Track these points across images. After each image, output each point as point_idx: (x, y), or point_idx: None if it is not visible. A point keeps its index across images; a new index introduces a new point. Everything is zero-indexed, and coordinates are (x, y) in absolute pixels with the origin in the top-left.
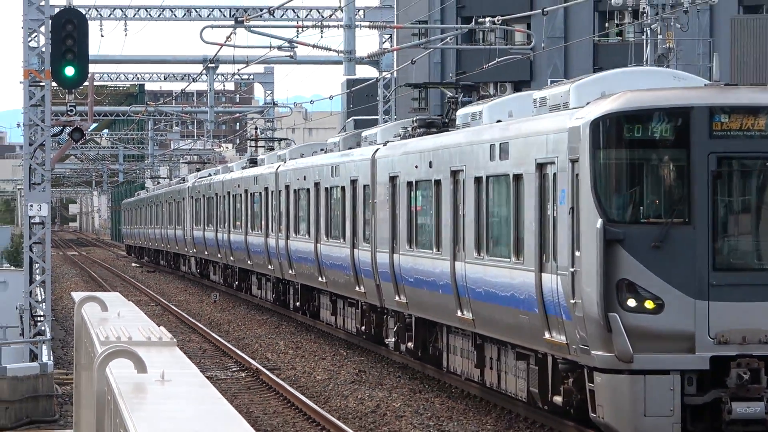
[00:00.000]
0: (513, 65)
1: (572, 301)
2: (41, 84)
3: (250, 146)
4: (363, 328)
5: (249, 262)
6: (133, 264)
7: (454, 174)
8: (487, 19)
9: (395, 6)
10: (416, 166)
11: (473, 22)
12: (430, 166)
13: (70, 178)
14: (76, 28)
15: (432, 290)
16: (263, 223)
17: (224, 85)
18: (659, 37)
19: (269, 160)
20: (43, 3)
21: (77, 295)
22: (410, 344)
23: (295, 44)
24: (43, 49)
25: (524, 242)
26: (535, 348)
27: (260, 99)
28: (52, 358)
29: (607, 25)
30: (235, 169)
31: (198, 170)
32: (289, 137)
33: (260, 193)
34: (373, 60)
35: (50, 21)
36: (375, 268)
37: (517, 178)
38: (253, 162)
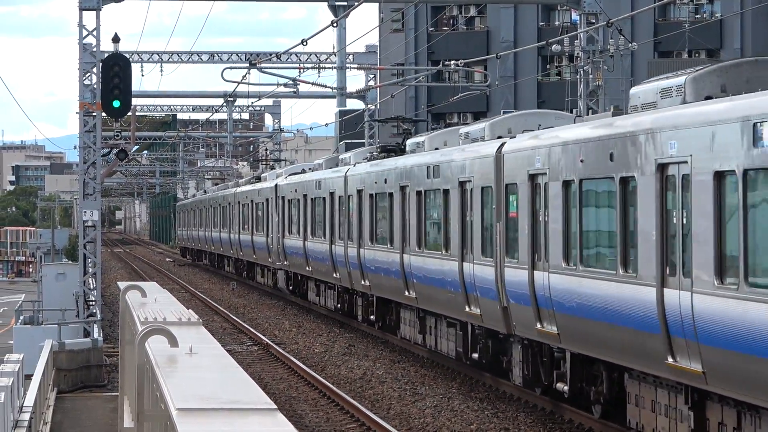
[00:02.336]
0: (473, 99)
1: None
2: (93, 114)
3: (261, 164)
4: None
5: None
6: (167, 259)
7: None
8: (452, 62)
9: (378, 51)
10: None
11: (441, 65)
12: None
13: (117, 190)
14: (122, 70)
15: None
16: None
17: (241, 115)
18: (590, 76)
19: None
20: (95, 49)
21: (122, 284)
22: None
23: (298, 82)
24: (95, 86)
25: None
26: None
27: (270, 126)
28: (101, 335)
29: (548, 66)
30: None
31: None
32: (293, 157)
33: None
34: (361, 95)
35: (101, 64)
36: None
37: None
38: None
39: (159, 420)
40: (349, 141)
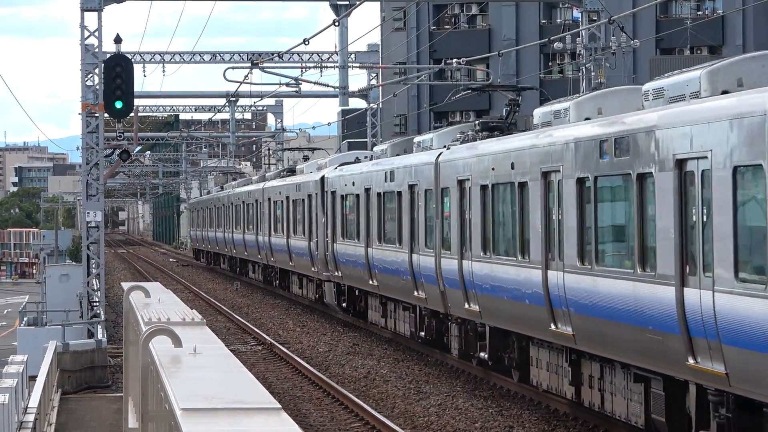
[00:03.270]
0: (475, 97)
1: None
2: (96, 115)
3: (265, 163)
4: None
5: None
6: (171, 259)
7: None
8: (454, 60)
9: (380, 50)
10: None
11: (443, 63)
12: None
13: (120, 191)
14: (124, 70)
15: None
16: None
17: (243, 115)
18: (593, 73)
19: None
20: (97, 50)
21: (125, 285)
22: (344, 304)
23: (300, 81)
24: (97, 87)
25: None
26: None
27: (272, 125)
28: (105, 335)
29: (550, 64)
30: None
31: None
32: (296, 157)
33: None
34: (363, 94)
35: (103, 64)
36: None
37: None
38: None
39: (163, 420)
40: (352, 140)
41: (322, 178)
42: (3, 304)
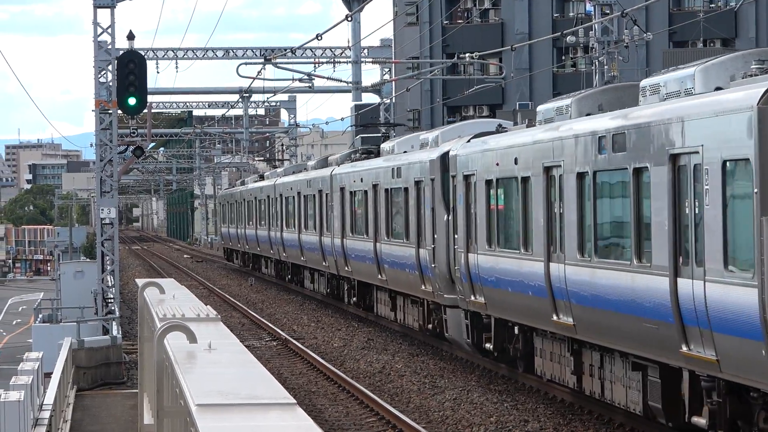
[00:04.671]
0: (488, 92)
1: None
2: (109, 111)
3: (276, 159)
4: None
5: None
6: (185, 255)
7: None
8: (467, 54)
9: (393, 45)
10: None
11: (456, 57)
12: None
13: (134, 187)
14: (137, 67)
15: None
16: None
17: (256, 111)
18: (605, 67)
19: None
20: (110, 47)
21: (140, 281)
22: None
23: (313, 77)
24: (111, 84)
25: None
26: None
27: (285, 121)
28: (120, 332)
29: (563, 58)
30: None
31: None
32: (309, 152)
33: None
34: (376, 89)
35: (116, 61)
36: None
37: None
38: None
39: (178, 416)
40: (366, 135)
41: (444, 155)
42: (18, 301)
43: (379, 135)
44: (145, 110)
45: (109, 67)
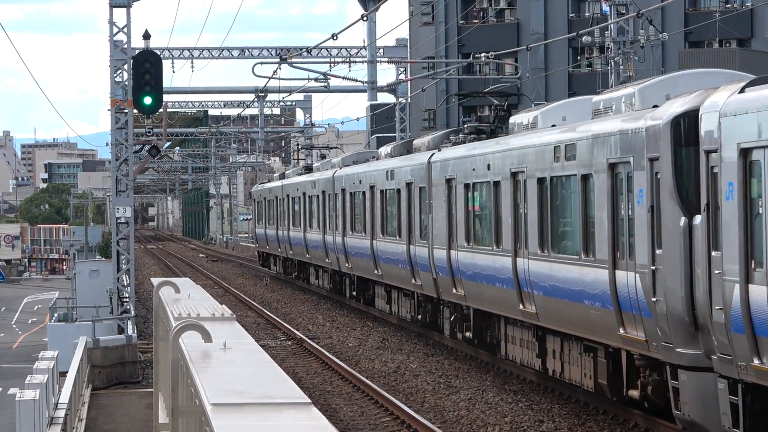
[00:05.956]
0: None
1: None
2: (125, 111)
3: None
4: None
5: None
6: (200, 255)
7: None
8: (482, 54)
9: (408, 45)
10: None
11: (471, 57)
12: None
13: (149, 186)
14: (153, 66)
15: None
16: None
17: (272, 110)
18: (621, 67)
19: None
20: (126, 46)
21: (155, 281)
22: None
23: (329, 76)
24: (126, 83)
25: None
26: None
27: (301, 121)
28: (135, 331)
29: (579, 58)
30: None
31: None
32: (323, 152)
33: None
34: (391, 88)
35: (132, 60)
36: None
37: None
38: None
39: (194, 415)
40: (381, 135)
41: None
42: (33, 300)
43: (392, 135)
44: (161, 109)
45: (125, 67)
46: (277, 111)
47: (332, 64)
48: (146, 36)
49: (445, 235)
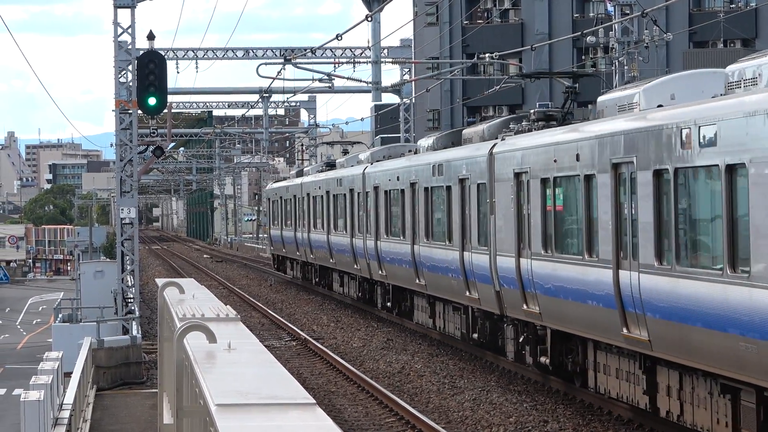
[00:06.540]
0: (508, 92)
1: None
2: (129, 111)
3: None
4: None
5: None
6: (205, 255)
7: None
8: (487, 54)
9: (413, 45)
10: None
11: (476, 57)
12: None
13: (153, 187)
14: (157, 67)
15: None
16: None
17: (276, 111)
18: (625, 67)
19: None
20: (130, 47)
21: (160, 281)
22: (389, 304)
23: (333, 77)
24: (131, 84)
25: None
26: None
27: (305, 121)
28: (140, 332)
29: (583, 58)
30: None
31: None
32: (329, 152)
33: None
34: (396, 89)
35: (136, 61)
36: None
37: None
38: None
39: (198, 416)
40: (386, 135)
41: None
42: (38, 300)
43: (397, 135)
44: (165, 110)
45: (130, 67)
46: (281, 111)
47: (336, 65)
48: (150, 37)
49: (513, 241)
